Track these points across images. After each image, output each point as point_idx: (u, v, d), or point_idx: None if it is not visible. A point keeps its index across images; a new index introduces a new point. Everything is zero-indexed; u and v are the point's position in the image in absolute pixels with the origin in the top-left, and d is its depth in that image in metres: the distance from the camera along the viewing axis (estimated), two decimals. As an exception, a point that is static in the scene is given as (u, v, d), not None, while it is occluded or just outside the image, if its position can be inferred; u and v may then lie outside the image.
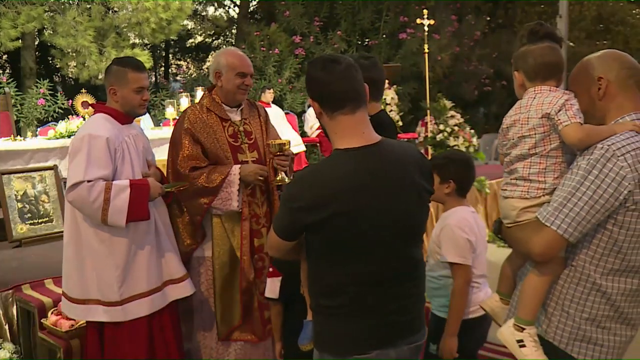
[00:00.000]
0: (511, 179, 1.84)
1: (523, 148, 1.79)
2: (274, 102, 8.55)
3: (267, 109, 3.22)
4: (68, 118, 5.73)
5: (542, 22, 1.88)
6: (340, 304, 1.77)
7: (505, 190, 1.86)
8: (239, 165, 2.77)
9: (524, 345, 1.77)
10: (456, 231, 2.47)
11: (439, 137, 6.97)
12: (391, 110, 6.20)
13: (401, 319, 1.81)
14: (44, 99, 7.78)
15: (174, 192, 2.77)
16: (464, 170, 2.58)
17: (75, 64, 9.19)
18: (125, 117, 2.69)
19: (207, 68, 16.16)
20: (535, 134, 1.76)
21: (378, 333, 1.78)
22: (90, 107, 5.79)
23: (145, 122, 6.87)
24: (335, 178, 1.70)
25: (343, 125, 1.74)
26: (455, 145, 6.88)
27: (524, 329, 1.78)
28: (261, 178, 2.77)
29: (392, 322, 1.79)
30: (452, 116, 7.03)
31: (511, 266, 2.01)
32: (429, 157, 4.99)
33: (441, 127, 7.02)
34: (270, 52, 10.93)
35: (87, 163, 2.46)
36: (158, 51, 19.18)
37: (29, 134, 6.21)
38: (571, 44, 12.39)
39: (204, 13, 19.58)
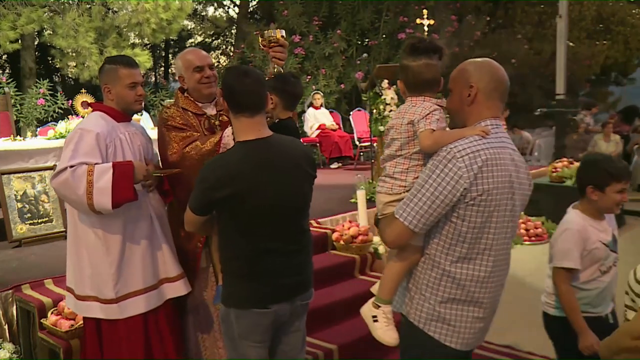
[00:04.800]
0: (382, 176, 2.08)
1: (392, 149, 2.03)
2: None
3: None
4: (68, 118, 5.74)
5: (422, 37, 2.16)
6: (244, 267, 2.21)
7: (378, 185, 2.09)
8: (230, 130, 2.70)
9: (377, 321, 2.04)
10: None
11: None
12: (391, 110, 6.19)
13: (294, 280, 2.27)
14: (43, 99, 7.78)
15: (175, 194, 2.76)
16: None
17: (75, 64, 9.20)
18: (122, 115, 2.69)
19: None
20: (401, 137, 2.00)
21: (276, 291, 2.22)
22: (89, 107, 5.79)
23: (144, 121, 6.88)
24: (234, 163, 2.15)
25: (243, 124, 2.21)
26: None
27: (379, 306, 2.05)
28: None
29: (287, 283, 2.24)
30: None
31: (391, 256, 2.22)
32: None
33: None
34: (271, 52, 10.92)
35: (73, 152, 2.47)
36: (158, 51, 19.19)
37: (29, 134, 6.21)
38: (571, 44, 12.38)
39: (203, 13, 19.59)
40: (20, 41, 8.82)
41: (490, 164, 1.84)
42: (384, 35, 11.76)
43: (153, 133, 4.71)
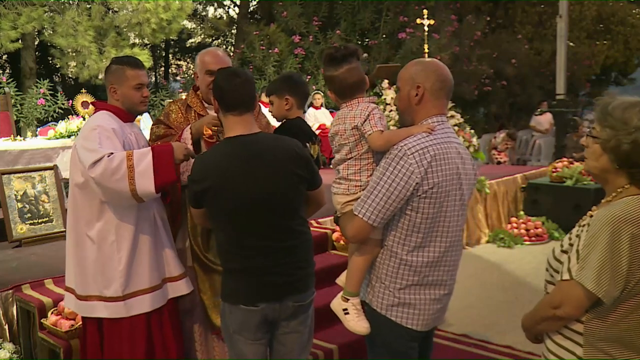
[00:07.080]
0: (336, 179, 2.20)
1: (342, 153, 2.15)
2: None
3: (266, 108, 3.19)
4: (68, 118, 5.75)
5: (337, 46, 2.21)
6: (231, 263, 2.26)
7: (334, 187, 2.21)
8: (189, 126, 2.75)
9: (348, 313, 2.16)
10: None
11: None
12: (391, 110, 6.20)
13: (283, 280, 2.24)
14: (44, 99, 7.79)
15: (172, 197, 2.77)
16: None
17: (75, 64, 9.20)
18: (127, 115, 2.71)
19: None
20: (349, 142, 2.12)
21: (263, 289, 2.22)
22: (90, 106, 5.79)
23: (144, 121, 6.89)
24: (214, 157, 2.23)
25: (231, 122, 2.26)
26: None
27: (348, 299, 2.17)
28: (215, 128, 2.67)
29: (274, 282, 2.22)
30: (452, 116, 7.03)
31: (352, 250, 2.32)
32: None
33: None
34: (270, 51, 10.94)
35: (99, 144, 2.45)
36: (158, 51, 19.19)
37: (29, 134, 6.23)
38: (571, 44, 12.37)
39: (204, 13, 19.59)
40: (20, 41, 8.82)
41: (439, 158, 1.99)
42: (384, 35, 11.77)
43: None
